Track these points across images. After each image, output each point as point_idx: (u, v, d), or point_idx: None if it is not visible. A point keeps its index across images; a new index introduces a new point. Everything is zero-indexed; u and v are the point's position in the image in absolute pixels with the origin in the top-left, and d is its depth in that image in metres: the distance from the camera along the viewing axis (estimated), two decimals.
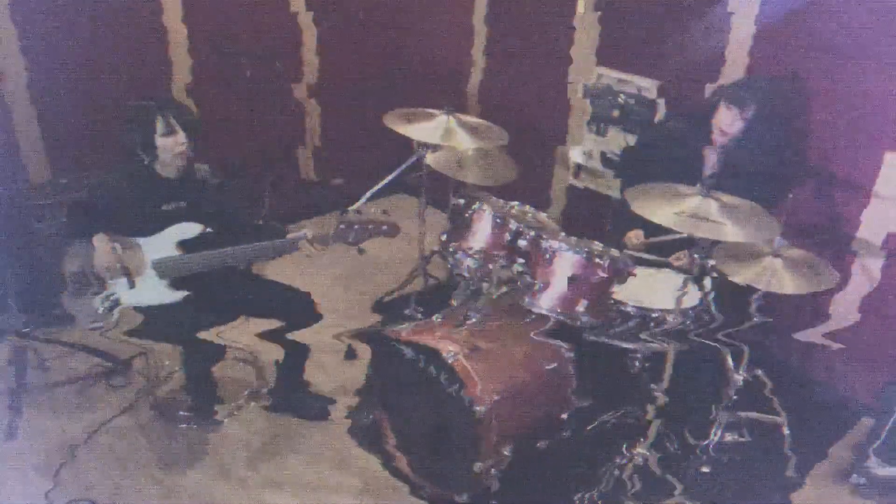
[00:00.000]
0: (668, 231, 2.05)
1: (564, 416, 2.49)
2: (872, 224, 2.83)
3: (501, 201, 2.86)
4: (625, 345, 2.50)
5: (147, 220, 2.53)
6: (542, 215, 2.85)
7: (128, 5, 3.45)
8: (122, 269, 2.53)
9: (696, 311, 2.48)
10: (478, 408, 2.22)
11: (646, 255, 2.72)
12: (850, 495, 2.66)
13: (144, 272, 2.55)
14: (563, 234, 2.63)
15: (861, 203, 2.84)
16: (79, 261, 2.57)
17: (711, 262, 2.08)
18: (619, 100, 3.49)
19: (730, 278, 2.32)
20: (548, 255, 2.41)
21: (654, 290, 2.61)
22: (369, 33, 4.44)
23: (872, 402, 2.99)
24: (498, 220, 2.63)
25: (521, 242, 2.52)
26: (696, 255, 2.06)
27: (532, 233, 2.51)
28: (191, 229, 2.53)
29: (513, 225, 2.62)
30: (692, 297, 2.51)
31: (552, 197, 4.03)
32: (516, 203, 2.88)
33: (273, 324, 2.81)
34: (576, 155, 3.68)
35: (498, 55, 4.09)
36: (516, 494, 2.46)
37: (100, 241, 2.48)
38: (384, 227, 2.55)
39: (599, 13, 3.48)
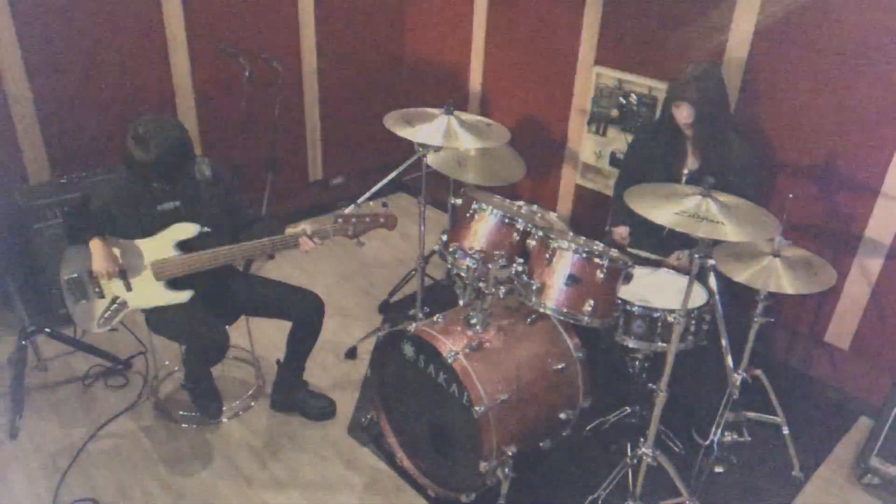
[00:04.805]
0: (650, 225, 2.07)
1: (570, 416, 2.48)
2: (880, 224, 2.83)
3: (508, 201, 2.87)
4: (630, 344, 2.51)
5: (143, 221, 2.53)
6: (551, 215, 2.85)
7: (128, 5, 3.46)
8: (121, 273, 2.53)
9: (702, 311, 2.49)
10: (476, 408, 2.22)
11: (643, 254, 2.72)
12: (861, 495, 2.67)
13: (143, 275, 2.55)
14: (570, 234, 2.63)
15: (869, 203, 2.84)
16: (76, 267, 2.57)
17: (711, 262, 2.08)
18: (620, 100, 3.50)
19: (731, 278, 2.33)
20: (550, 256, 2.41)
21: (661, 289, 2.61)
22: (369, 32, 4.44)
23: (873, 402, 3.00)
24: (506, 220, 2.63)
25: (530, 243, 2.53)
26: (696, 256, 2.05)
27: (540, 233, 2.51)
28: (188, 229, 2.53)
29: (521, 225, 2.62)
30: (698, 297, 2.51)
31: (558, 197, 4.03)
32: (522, 202, 2.89)
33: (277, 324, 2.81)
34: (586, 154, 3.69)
35: (499, 53, 4.09)
36: (523, 494, 2.47)
37: (96, 246, 2.47)
38: (381, 220, 2.55)
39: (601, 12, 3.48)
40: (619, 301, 2.46)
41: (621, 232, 2.93)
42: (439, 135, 2.56)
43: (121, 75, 3.54)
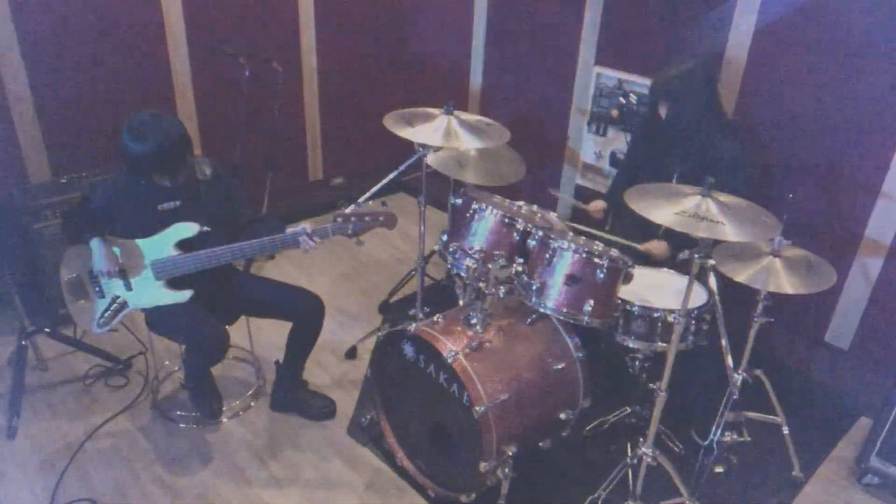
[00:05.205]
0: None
1: (570, 416, 2.48)
2: (880, 224, 2.83)
3: (508, 201, 2.87)
4: (630, 344, 2.51)
5: (144, 221, 2.52)
6: (551, 215, 2.85)
7: (128, 5, 3.46)
8: (121, 273, 2.53)
9: (702, 311, 2.49)
10: (476, 408, 2.22)
11: (615, 239, 2.74)
12: (861, 495, 2.67)
13: (143, 274, 2.55)
14: (571, 234, 2.63)
15: (868, 203, 2.83)
16: (76, 267, 2.56)
17: (711, 262, 2.08)
18: (620, 100, 3.50)
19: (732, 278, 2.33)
20: (550, 256, 2.41)
21: (661, 289, 2.61)
22: (369, 32, 4.44)
23: (873, 402, 3.00)
24: (506, 220, 2.63)
25: (531, 242, 2.53)
26: (696, 256, 2.05)
27: (540, 233, 2.51)
28: (188, 229, 2.53)
29: (521, 225, 2.62)
30: (698, 297, 2.51)
31: (558, 197, 4.03)
32: (522, 202, 2.89)
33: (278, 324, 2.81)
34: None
35: (499, 53, 4.09)
36: (522, 494, 2.46)
37: (97, 246, 2.47)
38: (381, 218, 2.55)
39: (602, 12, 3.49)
40: (619, 301, 2.46)
41: (597, 205, 3.01)
42: (439, 135, 2.56)
43: (121, 75, 3.54)
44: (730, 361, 2.17)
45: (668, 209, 2.00)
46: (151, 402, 2.95)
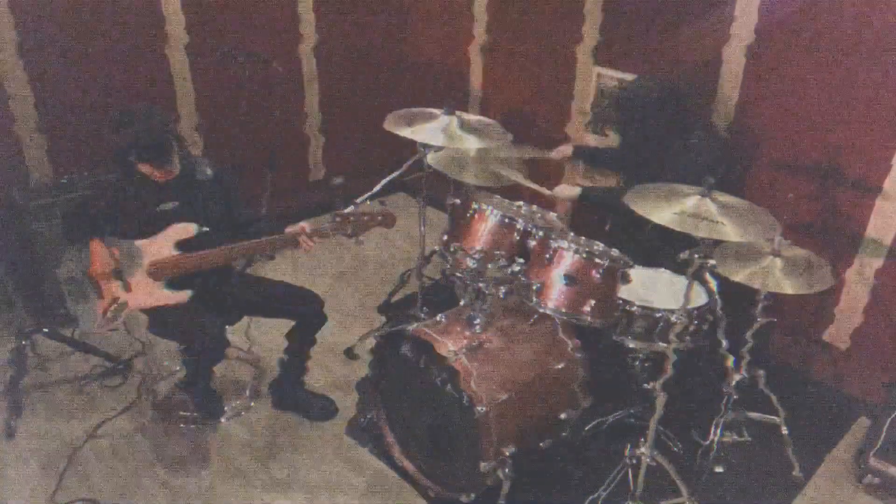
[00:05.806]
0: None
1: (570, 416, 2.48)
2: (880, 223, 2.83)
3: (507, 201, 2.87)
4: (630, 344, 2.51)
5: (143, 221, 2.52)
6: (551, 215, 2.85)
7: (128, 5, 3.46)
8: (120, 273, 2.53)
9: (702, 311, 2.49)
10: (476, 408, 2.22)
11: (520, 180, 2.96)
12: (861, 495, 2.67)
13: (143, 275, 2.55)
14: (571, 234, 2.63)
15: (868, 203, 2.83)
16: (75, 268, 2.56)
17: (712, 263, 2.08)
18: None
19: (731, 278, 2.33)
20: (550, 255, 2.41)
21: (661, 289, 2.61)
22: (370, 32, 4.44)
23: (872, 402, 3.00)
24: (506, 220, 2.63)
25: (531, 242, 2.53)
26: (696, 255, 2.06)
27: (540, 233, 2.51)
28: (188, 229, 2.53)
29: (521, 225, 2.62)
30: (698, 297, 2.51)
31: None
32: (522, 202, 2.89)
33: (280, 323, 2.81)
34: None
35: (499, 53, 4.09)
36: (522, 494, 2.46)
37: (95, 247, 2.47)
38: (380, 218, 2.56)
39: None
40: (620, 301, 2.46)
41: (563, 150, 3.26)
42: (440, 135, 2.56)
43: (121, 75, 3.54)
44: (730, 361, 2.17)
45: (667, 209, 2.00)
46: (151, 402, 2.95)
